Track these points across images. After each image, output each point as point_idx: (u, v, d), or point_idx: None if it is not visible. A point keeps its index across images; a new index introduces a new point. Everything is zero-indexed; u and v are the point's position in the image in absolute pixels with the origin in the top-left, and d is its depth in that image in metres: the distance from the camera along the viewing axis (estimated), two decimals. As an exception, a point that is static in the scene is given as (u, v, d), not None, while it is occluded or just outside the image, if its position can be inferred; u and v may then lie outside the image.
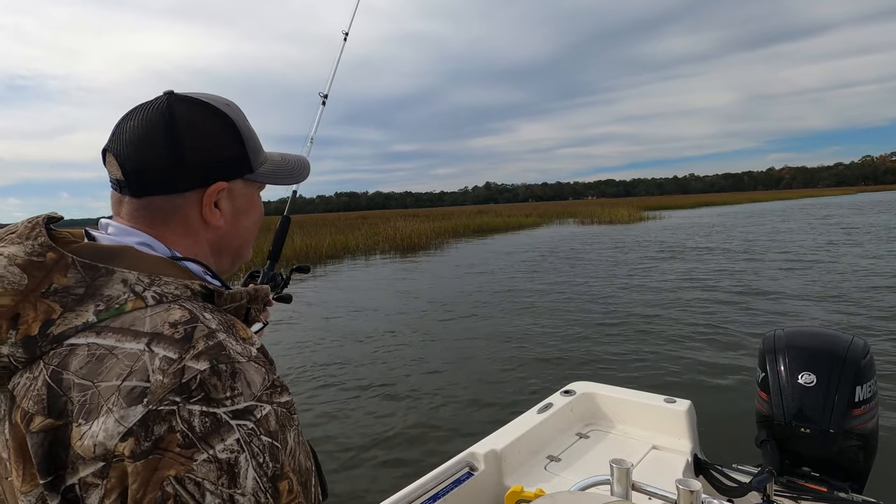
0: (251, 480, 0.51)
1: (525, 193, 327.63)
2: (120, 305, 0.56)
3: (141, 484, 0.48)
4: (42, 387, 0.52)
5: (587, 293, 9.72)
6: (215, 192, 0.68)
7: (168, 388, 0.50)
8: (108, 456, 0.48)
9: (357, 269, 15.92)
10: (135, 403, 0.49)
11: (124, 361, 0.51)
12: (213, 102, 0.69)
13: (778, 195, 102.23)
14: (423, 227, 26.63)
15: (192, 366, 0.52)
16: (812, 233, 19.68)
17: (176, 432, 0.49)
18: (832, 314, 7.15)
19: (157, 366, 0.51)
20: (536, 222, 36.79)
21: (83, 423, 0.49)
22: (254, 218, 0.77)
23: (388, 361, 6.19)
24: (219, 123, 0.68)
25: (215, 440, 0.50)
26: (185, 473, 0.48)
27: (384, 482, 3.38)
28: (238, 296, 0.66)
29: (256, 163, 0.73)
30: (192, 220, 0.68)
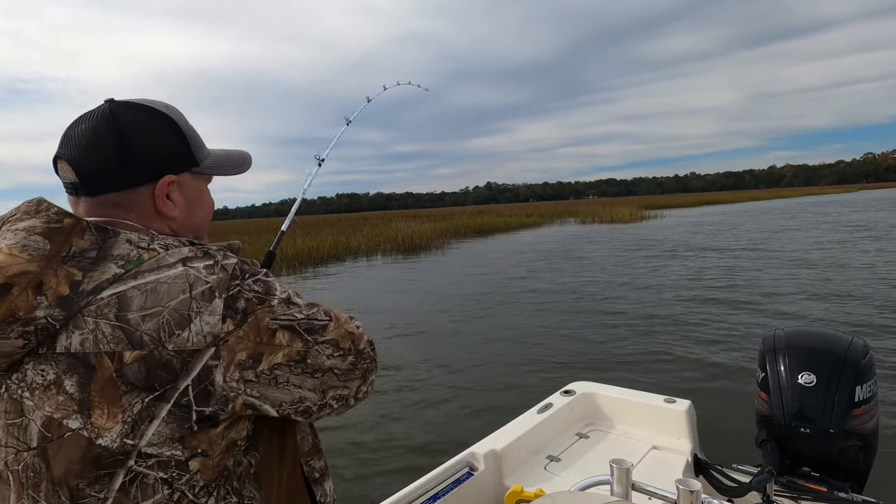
0: (301, 301, 0.74)
1: (526, 193, 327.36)
2: (138, 257, 0.67)
3: (255, 334, 0.66)
4: (115, 331, 0.61)
5: (587, 293, 9.72)
6: (165, 184, 0.76)
7: (226, 279, 0.67)
8: (217, 339, 0.63)
9: (358, 270, 15.93)
10: (212, 299, 0.65)
11: (178, 282, 0.65)
12: (153, 105, 0.77)
13: (779, 193, 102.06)
14: (425, 227, 26.64)
15: (227, 262, 0.69)
16: (812, 231, 19.66)
17: (251, 299, 0.67)
18: (832, 314, 7.14)
19: (205, 273, 0.67)
20: (537, 222, 36.77)
21: (180, 332, 0.62)
22: (205, 208, 0.86)
23: (388, 361, 6.20)
24: (161, 124, 0.76)
25: (273, 290, 0.71)
26: (274, 313, 0.69)
27: (384, 482, 3.39)
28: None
29: (200, 157, 0.81)
30: (147, 212, 0.76)
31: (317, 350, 0.72)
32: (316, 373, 0.72)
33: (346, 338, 0.76)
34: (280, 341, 0.68)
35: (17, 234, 0.63)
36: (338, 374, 0.75)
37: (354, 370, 0.77)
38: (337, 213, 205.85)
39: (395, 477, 3.42)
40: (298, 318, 0.71)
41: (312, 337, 0.72)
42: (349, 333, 0.77)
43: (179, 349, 0.62)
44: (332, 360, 0.74)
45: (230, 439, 0.67)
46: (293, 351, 0.70)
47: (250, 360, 0.66)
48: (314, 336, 0.72)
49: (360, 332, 0.80)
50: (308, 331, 0.72)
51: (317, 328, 0.73)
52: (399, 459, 3.78)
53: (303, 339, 0.71)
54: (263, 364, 0.67)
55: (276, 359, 0.68)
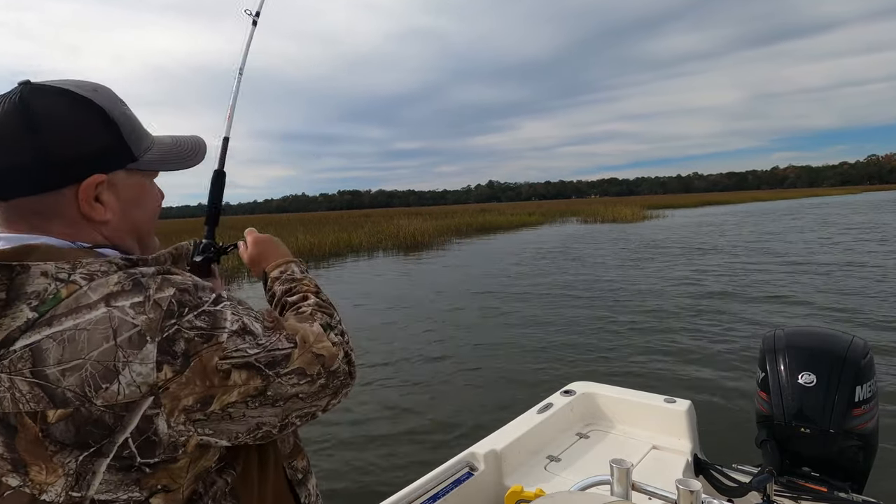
0: (258, 328, 0.65)
1: (528, 192, 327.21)
2: (54, 295, 0.57)
3: (203, 378, 0.58)
4: (32, 388, 0.54)
5: (587, 292, 9.71)
6: (91, 186, 0.64)
7: (158, 319, 0.57)
8: (154, 389, 0.56)
9: (360, 267, 15.94)
10: (142, 345, 0.56)
11: (99, 328, 0.56)
12: (75, 90, 0.64)
13: (782, 194, 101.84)
14: (427, 225, 26.66)
15: (161, 296, 0.59)
16: (814, 232, 19.62)
17: (193, 338, 0.58)
18: (833, 314, 7.13)
19: (133, 312, 0.57)
20: (539, 221, 36.75)
21: (108, 386, 0.54)
22: (148, 208, 0.74)
23: (388, 360, 6.20)
24: (85, 112, 0.64)
25: (221, 321, 0.61)
26: (224, 352, 0.60)
27: (384, 482, 3.38)
28: (161, 258, 0.70)
29: (139, 150, 0.69)
30: (73, 217, 0.65)
31: (279, 382, 0.64)
32: (277, 402, 0.65)
33: (313, 363, 0.68)
34: (234, 381, 0.60)
35: None
36: (304, 398, 0.68)
37: (324, 390, 0.70)
38: (338, 210, 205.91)
39: (395, 477, 3.42)
40: (254, 353, 0.62)
41: (274, 371, 0.64)
42: (318, 357, 0.69)
43: (110, 404, 0.54)
44: (297, 388, 0.66)
45: (200, 468, 0.62)
46: (250, 388, 0.62)
47: (198, 403, 0.59)
48: (276, 369, 0.64)
49: (333, 351, 0.71)
50: (269, 365, 0.63)
51: (279, 359, 0.64)
52: (399, 459, 3.78)
53: (262, 375, 0.63)
54: (215, 405, 0.60)
55: (230, 398, 0.60)
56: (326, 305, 0.84)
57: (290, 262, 0.96)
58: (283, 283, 0.91)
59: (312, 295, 0.86)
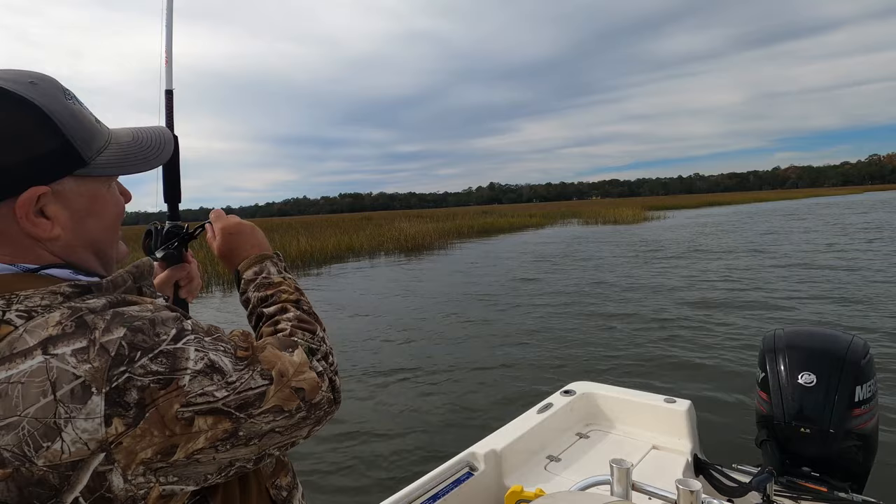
0: (227, 363, 0.57)
1: (529, 193, 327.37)
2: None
3: (160, 431, 0.51)
4: None
5: (588, 293, 9.70)
6: (30, 200, 0.55)
7: (104, 368, 0.49)
8: (105, 444, 0.49)
9: (361, 270, 15.94)
10: (87, 399, 0.48)
11: (35, 380, 0.48)
12: (6, 85, 0.54)
13: (784, 195, 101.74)
14: (428, 227, 26.65)
15: (108, 339, 0.51)
16: (815, 232, 19.58)
17: (148, 386, 0.51)
18: (833, 314, 7.11)
19: (75, 361, 0.49)
20: (540, 223, 36.73)
21: (49, 445, 0.47)
22: (106, 218, 0.64)
23: (388, 361, 6.20)
24: (18, 112, 0.54)
25: (182, 362, 0.53)
26: (187, 398, 0.53)
27: (384, 482, 3.38)
28: (120, 280, 0.62)
29: (90, 152, 0.59)
30: (16, 235, 0.57)
31: (252, 423, 0.58)
32: (252, 440, 0.59)
33: (291, 399, 0.61)
34: (199, 427, 0.54)
35: None
36: (281, 432, 0.61)
37: (304, 422, 0.64)
38: (339, 212, 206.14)
39: (395, 477, 3.42)
40: (222, 396, 0.55)
41: (245, 412, 0.57)
42: (297, 392, 0.62)
43: (53, 464, 0.48)
44: (273, 423, 0.60)
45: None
46: (219, 432, 0.55)
47: (159, 455, 0.52)
48: (248, 411, 0.57)
49: (315, 383, 0.64)
50: (239, 407, 0.56)
51: (252, 400, 0.57)
52: (399, 459, 3.78)
53: (232, 418, 0.56)
54: (179, 454, 0.53)
55: (196, 445, 0.54)
56: (309, 320, 0.75)
57: (265, 258, 0.85)
58: (259, 287, 0.81)
59: (292, 306, 0.77)
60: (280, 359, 0.63)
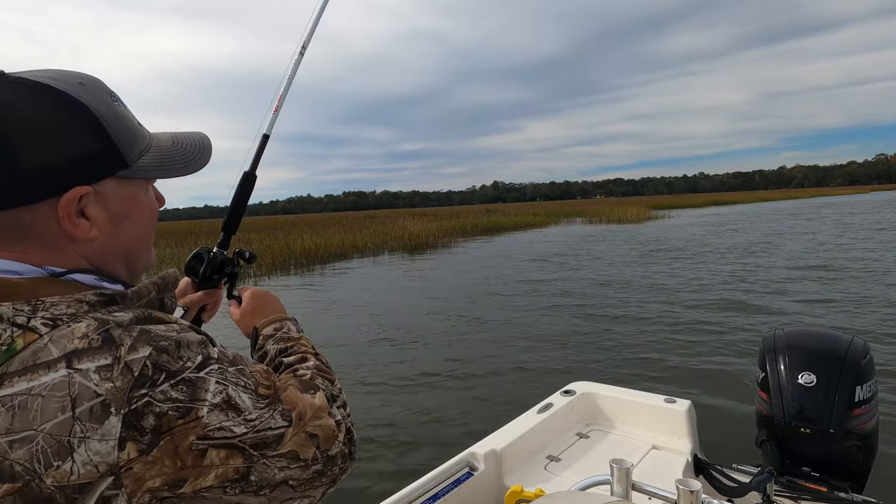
0: (247, 401, 0.56)
1: (533, 192, 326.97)
2: (8, 346, 0.49)
3: (172, 461, 0.50)
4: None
5: (589, 292, 9.70)
6: (73, 200, 0.55)
7: (126, 388, 0.48)
8: (115, 469, 0.47)
9: (365, 268, 15.97)
10: (104, 419, 0.47)
11: (56, 395, 0.47)
12: (56, 85, 0.54)
13: (789, 194, 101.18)
14: (431, 226, 26.67)
15: (133, 358, 0.50)
16: (817, 232, 19.50)
17: (166, 413, 0.50)
18: (833, 314, 7.09)
19: (98, 378, 0.48)
20: (544, 221, 36.69)
21: (60, 464, 0.46)
22: (141, 222, 0.65)
23: (389, 360, 6.20)
24: (66, 112, 0.54)
25: (202, 394, 0.52)
26: (204, 430, 0.51)
27: (384, 482, 3.39)
28: (144, 291, 0.61)
29: (132, 154, 0.60)
30: (53, 235, 0.56)
31: (264, 464, 0.55)
32: (262, 490, 0.56)
33: (307, 445, 0.59)
34: (211, 461, 0.52)
35: None
36: (295, 486, 0.59)
37: (320, 478, 0.61)
38: (343, 211, 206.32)
39: (395, 477, 3.43)
40: (240, 433, 0.53)
41: (260, 452, 0.55)
42: (312, 437, 0.59)
43: (61, 484, 0.46)
44: (287, 472, 0.57)
45: None
46: (230, 469, 0.53)
47: (166, 485, 0.50)
48: (263, 451, 0.55)
49: (331, 431, 0.62)
50: (256, 446, 0.55)
51: (269, 441, 0.56)
52: (398, 459, 3.78)
53: (245, 455, 0.54)
54: (186, 488, 0.52)
55: (205, 482, 0.52)
56: (328, 370, 0.74)
57: (285, 319, 0.87)
58: (278, 341, 0.80)
59: (312, 356, 0.76)
60: (301, 401, 0.61)
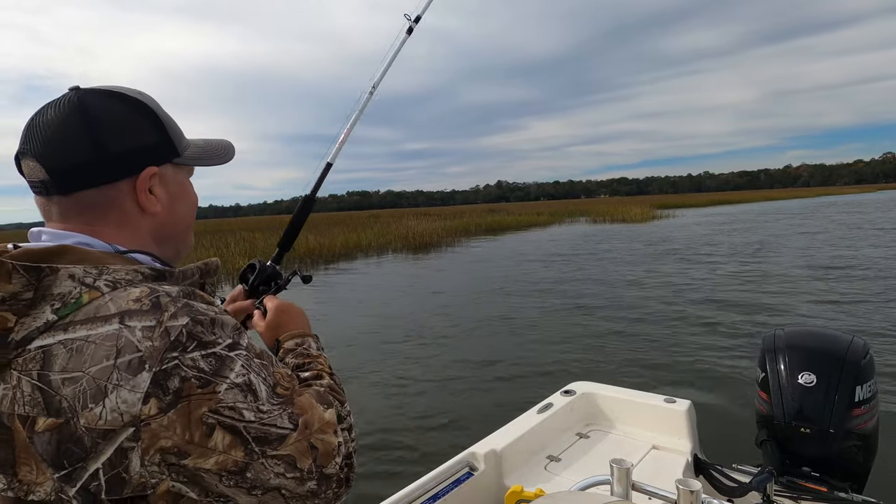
0: (264, 393, 0.60)
1: (537, 192, 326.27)
2: (76, 300, 0.57)
3: (183, 428, 0.54)
4: (33, 391, 0.54)
5: (588, 293, 9.70)
6: (147, 177, 0.68)
7: (162, 349, 0.55)
8: (136, 421, 0.53)
9: (369, 268, 16.00)
10: (138, 372, 0.54)
11: (106, 344, 0.55)
12: (125, 92, 0.69)
13: (795, 193, 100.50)
14: (435, 225, 26.69)
15: (173, 324, 0.56)
16: (820, 232, 19.41)
17: (189, 379, 0.55)
18: (833, 314, 7.08)
19: (141, 335, 0.55)
20: (548, 221, 36.66)
21: (93, 407, 0.52)
22: (189, 203, 0.78)
23: (389, 360, 6.23)
24: (136, 111, 0.69)
25: (226, 371, 0.58)
26: (217, 405, 0.56)
27: (384, 482, 3.39)
28: (189, 272, 0.70)
29: (181, 147, 0.74)
30: (129, 210, 0.69)
31: (261, 464, 0.58)
32: (255, 490, 0.59)
33: (306, 455, 0.61)
34: (215, 444, 0.56)
35: None
36: (287, 497, 0.60)
37: (313, 498, 0.62)
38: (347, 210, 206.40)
39: (395, 477, 3.44)
40: (248, 419, 0.57)
41: (261, 448, 0.58)
42: (311, 449, 0.61)
43: (91, 426, 0.52)
44: (280, 480, 0.59)
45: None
46: (229, 460, 0.57)
47: (175, 450, 0.54)
48: (263, 448, 0.58)
49: (332, 448, 0.63)
50: (258, 440, 0.58)
51: (272, 438, 0.59)
52: (398, 459, 3.79)
53: (246, 449, 0.57)
54: (189, 462, 0.55)
55: (205, 465, 0.56)
56: (339, 392, 0.77)
57: (307, 335, 0.90)
58: (298, 356, 0.84)
59: (327, 375, 0.80)
60: (313, 409, 0.64)
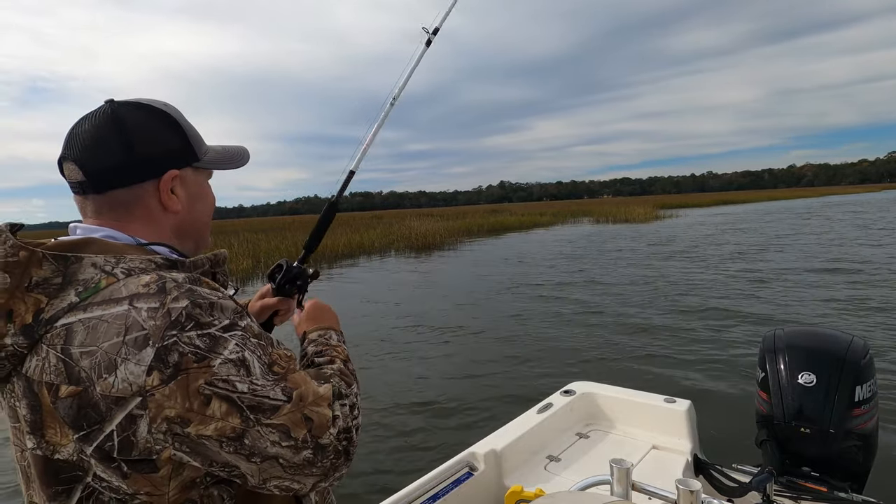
0: (257, 368, 0.66)
1: (539, 192, 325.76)
2: (95, 284, 0.66)
3: (183, 398, 0.61)
4: (58, 362, 0.62)
5: (588, 292, 9.69)
6: (169, 179, 0.77)
7: (163, 327, 0.62)
8: (143, 391, 0.60)
9: (372, 268, 16.01)
10: (143, 347, 0.61)
11: (116, 322, 0.62)
12: (152, 104, 0.78)
13: (799, 193, 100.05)
14: (438, 226, 26.67)
15: (174, 306, 0.64)
16: (822, 232, 19.35)
17: (187, 354, 0.62)
18: (833, 313, 7.05)
19: (146, 315, 0.63)
20: (550, 221, 36.62)
21: (107, 377, 0.60)
22: (207, 203, 0.86)
23: (390, 359, 6.23)
24: (161, 120, 0.78)
25: (220, 348, 0.64)
26: (212, 377, 0.62)
27: (383, 482, 3.40)
28: (199, 262, 0.77)
29: (201, 152, 0.82)
30: (153, 207, 0.77)
31: (257, 432, 0.63)
32: (254, 457, 0.64)
33: (300, 425, 0.65)
34: (213, 412, 0.61)
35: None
36: (284, 467, 0.65)
37: (310, 467, 0.66)
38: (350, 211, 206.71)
39: (395, 477, 3.44)
40: (241, 390, 0.63)
41: (255, 416, 0.63)
42: (306, 420, 0.66)
43: (105, 393, 0.60)
44: (277, 449, 0.64)
45: (184, 479, 0.64)
46: (227, 427, 0.62)
47: (178, 419, 0.61)
48: (258, 416, 0.63)
49: (326, 420, 0.68)
50: (252, 408, 0.63)
51: (265, 408, 0.64)
52: (398, 458, 3.79)
53: (242, 416, 0.63)
54: (191, 429, 0.61)
55: (206, 431, 0.62)
56: (349, 375, 0.83)
57: (331, 329, 0.99)
58: (318, 345, 0.92)
59: (340, 361, 0.86)
60: (306, 384, 0.70)
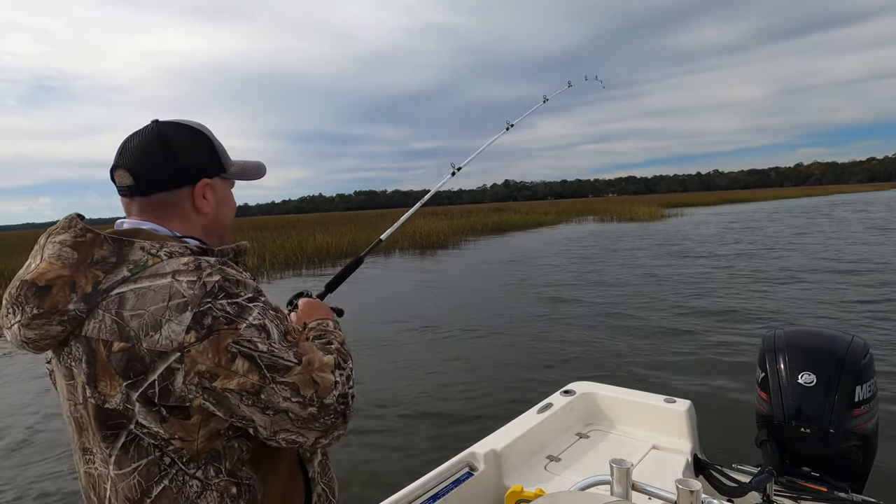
0: (275, 334, 0.80)
1: (544, 191, 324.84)
2: (144, 263, 0.81)
3: (214, 353, 0.75)
4: (112, 323, 0.76)
5: (589, 292, 9.69)
6: (203, 185, 0.93)
7: (200, 295, 0.76)
8: (181, 347, 0.74)
9: (377, 266, 16.02)
10: (183, 311, 0.75)
11: (161, 291, 0.77)
12: (190, 124, 0.95)
13: (806, 192, 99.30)
14: (442, 224, 26.65)
15: (209, 280, 0.78)
16: (824, 232, 19.24)
17: (219, 317, 0.76)
18: (833, 313, 7.03)
19: (186, 286, 0.77)
20: (555, 220, 36.55)
21: (153, 334, 0.74)
22: (231, 208, 1.03)
23: (390, 359, 6.25)
24: (197, 138, 0.95)
25: (246, 314, 0.78)
26: (239, 338, 0.76)
27: (384, 482, 3.40)
28: (225, 251, 0.92)
29: (227, 164, 0.99)
30: (187, 208, 0.93)
31: (272, 388, 0.77)
32: (268, 410, 0.77)
33: (308, 385, 0.79)
34: (237, 368, 0.75)
35: (54, 245, 0.80)
36: (293, 420, 0.79)
37: (314, 422, 0.80)
38: (355, 210, 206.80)
39: (395, 477, 3.44)
40: (261, 349, 0.77)
41: (271, 374, 0.77)
42: (314, 382, 0.80)
43: (151, 348, 0.74)
44: (288, 404, 0.78)
45: (211, 429, 0.79)
46: (248, 382, 0.76)
47: (207, 374, 0.75)
48: (273, 374, 0.77)
49: (330, 384, 0.82)
50: (269, 367, 0.77)
51: (279, 367, 0.77)
52: (398, 458, 3.80)
53: (260, 374, 0.76)
54: (217, 384, 0.75)
55: (230, 384, 0.75)
56: (345, 353, 0.95)
57: (328, 319, 1.12)
58: (317, 331, 1.05)
59: (337, 342, 0.99)
60: (314, 352, 0.84)
